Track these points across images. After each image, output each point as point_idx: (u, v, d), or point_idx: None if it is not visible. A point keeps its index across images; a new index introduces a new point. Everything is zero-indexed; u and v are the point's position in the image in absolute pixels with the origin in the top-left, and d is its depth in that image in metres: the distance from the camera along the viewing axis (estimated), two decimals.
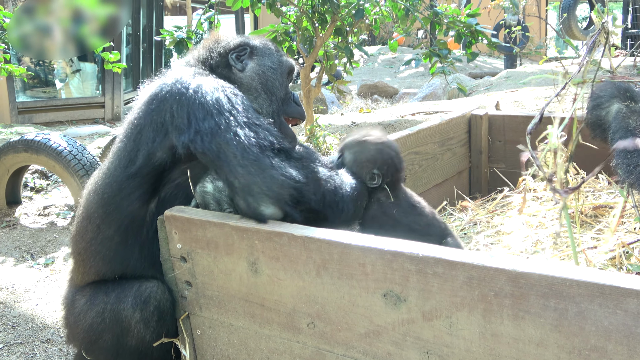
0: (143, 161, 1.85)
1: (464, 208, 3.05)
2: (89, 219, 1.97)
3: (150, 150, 1.84)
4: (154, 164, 1.85)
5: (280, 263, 1.64)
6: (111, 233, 1.92)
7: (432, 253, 1.41)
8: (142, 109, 1.90)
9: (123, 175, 1.88)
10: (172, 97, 1.82)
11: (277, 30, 4.99)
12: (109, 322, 1.89)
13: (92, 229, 1.96)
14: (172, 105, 1.81)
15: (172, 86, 1.84)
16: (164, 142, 1.82)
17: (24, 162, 4.39)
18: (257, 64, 2.10)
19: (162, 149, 1.83)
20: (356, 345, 1.58)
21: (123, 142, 1.93)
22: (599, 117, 1.92)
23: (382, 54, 18.24)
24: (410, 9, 4.46)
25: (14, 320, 2.97)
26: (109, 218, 1.92)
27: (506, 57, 15.57)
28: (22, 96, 9.92)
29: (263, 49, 2.14)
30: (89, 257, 1.98)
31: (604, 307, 1.22)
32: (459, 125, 3.28)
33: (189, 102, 1.78)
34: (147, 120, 1.85)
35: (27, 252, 3.86)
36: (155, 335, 1.89)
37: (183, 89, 1.82)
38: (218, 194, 1.81)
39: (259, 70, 2.09)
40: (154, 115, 1.84)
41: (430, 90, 10.89)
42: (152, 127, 1.83)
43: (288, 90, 2.16)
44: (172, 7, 19.00)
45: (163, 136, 1.82)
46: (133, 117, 1.93)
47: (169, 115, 1.81)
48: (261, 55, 2.12)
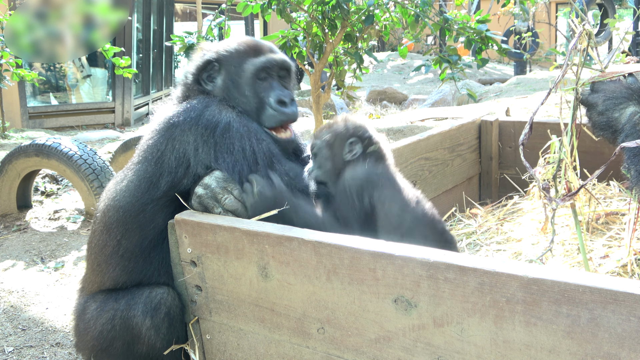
0: (167, 188, 1.91)
1: (473, 215, 3.04)
2: (109, 233, 2.00)
3: (174, 179, 1.90)
4: (179, 189, 1.91)
5: (290, 268, 1.64)
6: (132, 247, 1.96)
7: (443, 258, 1.40)
8: (162, 133, 1.94)
9: (146, 197, 1.93)
10: (194, 136, 1.89)
11: (287, 36, 5.00)
12: (119, 329, 1.90)
13: (112, 244, 1.99)
14: (196, 141, 1.88)
15: (190, 121, 1.91)
16: (188, 172, 1.89)
17: (34, 166, 4.42)
18: (223, 79, 2.10)
19: (187, 178, 1.90)
20: (366, 350, 1.57)
21: (143, 165, 1.96)
22: (610, 119, 1.86)
23: (391, 60, 18.25)
24: (420, 15, 4.46)
25: (24, 324, 2.98)
26: (130, 234, 1.96)
27: (516, 64, 15.54)
28: (33, 101, 10.00)
29: (230, 59, 2.11)
30: (108, 268, 2.01)
31: (617, 314, 1.20)
32: (469, 131, 3.27)
33: (215, 142, 1.88)
34: (169, 147, 1.91)
35: (38, 255, 3.88)
36: (166, 342, 1.90)
37: (208, 123, 1.90)
38: (210, 191, 1.84)
39: (226, 85, 2.09)
40: (175, 144, 1.90)
41: (440, 96, 10.88)
42: (175, 156, 1.90)
43: (266, 93, 2.09)
44: (183, 13, 19.10)
45: (186, 168, 1.89)
46: (152, 139, 1.96)
47: (192, 148, 1.88)
48: (227, 68, 2.10)
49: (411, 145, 2.82)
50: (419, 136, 2.95)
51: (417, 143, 2.88)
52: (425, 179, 2.94)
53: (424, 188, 2.92)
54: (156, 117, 2.04)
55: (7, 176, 4.49)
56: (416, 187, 2.86)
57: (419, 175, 2.88)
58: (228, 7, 5.08)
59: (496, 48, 4.61)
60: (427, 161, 2.95)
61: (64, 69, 10.76)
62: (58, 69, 10.72)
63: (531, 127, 2.01)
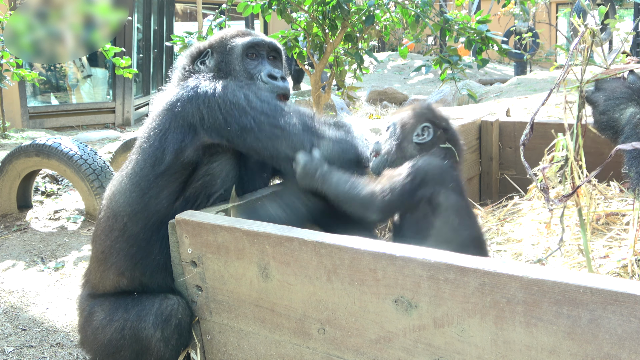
0: (172, 159, 1.92)
1: None
2: (115, 217, 2.01)
3: (178, 148, 1.91)
4: (182, 162, 1.93)
5: (291, 268, 1.64)
6: (137, 230, 1.96)
7: (443, 259, 1.40)
8: (163, 114, 1.96)
9: (151, 174, 1.94)
10: (196, 107, 1.92)
11: (287, 36, 5.01)
12: (129, 340, 1.90)
13: (118, 227, 2.00)
14: (200, 107, 1.90)
15: (188, 98, 1.94)
16: (194, 141, 1.91)
17: (35, 166, 4.42)
18: (215, 59, 2.20)
19: (191, 147, 1.91)
20: (366, 351, 1.57)
21: (147, 143, 1.98)
22: (611, 119, 1.85)
23: (391, 60, 18.24)
24: (421, 15, 4.46)
25: (24, 324, 2.98)
26: (137, 217, 1.97)
27: (516, 64, 15.54)
28: (33, 101, 9.99)
29: (220, 42, 2.23)
30: (112, 254, 2.01)
31: (617, 315, 1.20)
32: (470, 132, 3.27)
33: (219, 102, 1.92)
34: (173, 124, 1.93)
35: (38, 255, 3.88)
36: (175, 353, 1.91)
37: (209, 90, 1.94)
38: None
39: (217, 64, 2.18)
40: (179, 119, 1.92)
41: (440, 96, 10.88)
42: (180, 130, 1.91)
43: (256, 69, 2.16)
44: (183, 13, 19.11)
45: (192, 136, 1.90)
46: (155, 121, 1.99)
47: (197, 118, 1.90)
48: (218, 50, 2.21)
49: None
50: None
51: None
52: None
53: None
54: (155, 103, 2.08)
55: (8, 176, 4.49)
56: None
57: None
58: (228, 7, 5.08)
59: (496, 48, 4.61)
60: None
61: (64, 69, 10.75)
62: (58, 69, 10.72)
63: (532, 128, 2.00)
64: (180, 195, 1.97)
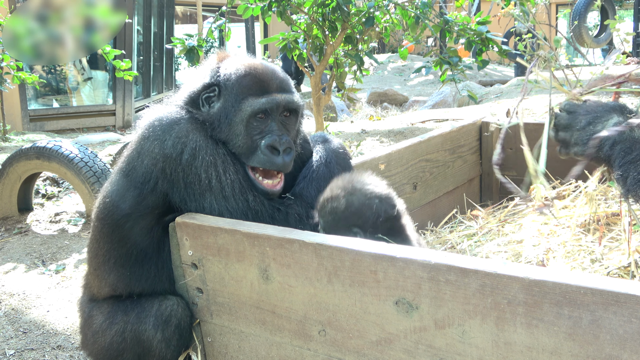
0: (134, 202, 1.89)
1: (474, 217, 3.04)
2: (98, 243, 2.01)
3: (140, 194, 1.88)
4: (145, 206, 1.89)
5: (291, 270, 1.64)
6: (122, 256, 1.96)
7: (444, 260, 1.40)
8: (136, 146, 1.93)
9: (120, 211, 1.92)
10: (161, 156, 1.85)
11: (288, 38, 5.01)
12: (130, 342, 1.91)
13: (102, 253, 1.99)
14: (163, 164, 1.86)
15: (158, 140, 1.86)
16: (155, 190, 1.87)
17: (35, 169, 4.42)
18: (221, 106, 1.95)
19: (154, 195, 1.88)
20: (367, 353, 1.57)
21: (119, 175, 1.96)
22: (593, 132, 1.75)
23: (392, 62, 18.26)
24: (421, 16, 4.46)
25: (25, 327, 2.98)
26: (115, 245, 1.96)
27: (516, 65, 15.53)
28: (33, 104, 10.00)
29: (231, 87, 1.95)
30: (103, 274, 2.01)
31: (619, 316, 1.20)
32: (470, 133, 3.27)
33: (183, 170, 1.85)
34: (139, 161, 1.89)
35: (39, 258, 3.88)
36: (176, 354, 1.91)
37: (172, 152, 1.85)
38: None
39: (222, 114, 1.94)
40: (144, 159, 1.88)
41: (440, 98, 10.89)
42: (142, 171, 1.88)
43: (260, 135, 1.95)
44: (183, 15, 19.12)
45: (154, 185, 1.86)
46: (130, 150, 1.96)
47: (159, 169, 1.86)
48: (226, 97, 1.95)
49: (412, 147, 2.82)
50: (419, 138, 2.95)
51: (418, 145, 2.88)
52: (426, 180, 2.94)
53: (424, 190, 2.92)
54: (140, 122, 1.98)
55: (8, 179, 4.49)
56: (417, 189, 2.86)
57: (419, 177, 2.88)
58: (228, 9, 5.09)
59: (496, 49, 4.61)
60: (428, 163, 2.95)
61: (64, 72, 10.76)
62: (59, 72, 10.73)
63: (503, 148, 2.02)
64: (157, 226, 1.94)
